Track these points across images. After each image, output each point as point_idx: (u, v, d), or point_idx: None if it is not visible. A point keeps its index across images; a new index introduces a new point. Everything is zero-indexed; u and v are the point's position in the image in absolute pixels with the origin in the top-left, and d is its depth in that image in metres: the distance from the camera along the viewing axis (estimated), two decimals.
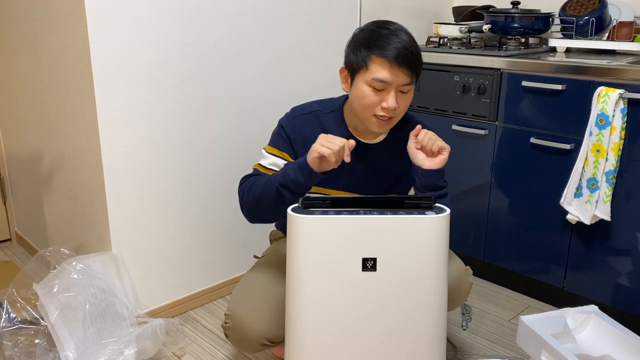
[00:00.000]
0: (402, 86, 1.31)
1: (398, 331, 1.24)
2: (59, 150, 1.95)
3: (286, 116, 1.46)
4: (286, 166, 1.32)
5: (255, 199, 1.36)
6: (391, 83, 1.29)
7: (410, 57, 1.29)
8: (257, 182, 1.37)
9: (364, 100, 1.32)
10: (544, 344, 1.39)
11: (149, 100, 1.73)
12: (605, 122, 1.71)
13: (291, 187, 1.28)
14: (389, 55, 1.28)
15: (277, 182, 1.30)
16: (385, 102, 1.30)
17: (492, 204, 2.10)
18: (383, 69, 1.28)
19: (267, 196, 1.32)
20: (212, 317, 1.97)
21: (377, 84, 1.29)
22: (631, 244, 1.78)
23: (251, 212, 1.40)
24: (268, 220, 1.44)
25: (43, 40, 1.84)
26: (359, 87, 1.33)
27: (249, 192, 1.38)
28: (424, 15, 2.51)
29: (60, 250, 1.82)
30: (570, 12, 2.15)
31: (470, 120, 2.10)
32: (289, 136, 1.43)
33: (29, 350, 1.61)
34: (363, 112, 1.34)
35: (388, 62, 1.28)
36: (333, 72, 2.22)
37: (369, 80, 1.30)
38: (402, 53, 1.28)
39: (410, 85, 1.33)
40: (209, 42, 1.82)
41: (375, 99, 1.31)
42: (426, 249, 1.22)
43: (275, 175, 1.33)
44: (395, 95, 1.31)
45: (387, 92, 1.30)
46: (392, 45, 1.28)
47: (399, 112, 1.35)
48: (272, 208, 1.34)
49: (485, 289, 2.19)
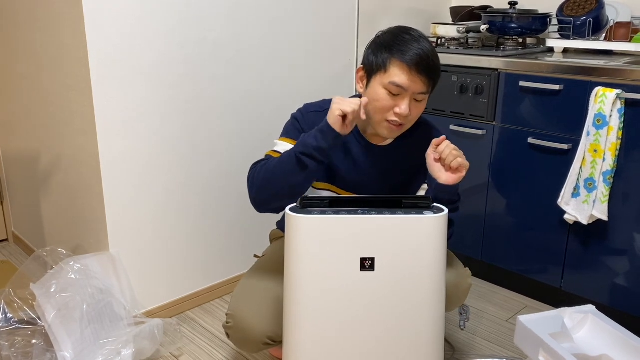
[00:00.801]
0: (417, 94, 1.30)
1: (396, 331, 1.24)
2: (57, 150, 1.94)
3: (300, 111, 1.45)
4: (303, 136, 1.28)
5: (268, 175, 1.29)
6: (407, 89, 1.28)
7: (430, 65, 1.29)
8: (271, 160, 1.32)
9: (378, 103, 1.31)
10: (541, 344, 1.39)
11: (147, 101, 1.73)
12: (602, 123, 1.72)
13: (313, 155, 1.25)
14: (410, 60, 1.27)
15: (297, 152, 1.26)
16: (399, 108, 1.29)
17: (489, 204, 2.10)
18: (402, 74, 1.28)
19: (284, 168, 1.27)
20: (210, 318, 1.97)
21: (393, 88, 1.29)
22: (628, 243, 1.78)
23: (261, 191, 1.32)
24: (276, 202, 1.34)
25: (41, 40, 1.84)
26: (374, 89, 1.32)
27: (261, 170, 1.31)
28: (422, 16, 2.52)
29: (58, 250, 1.82)
30: (568, 13, 2.15)
31: (468, 120, 2.11)
32: (303, 129, 1.41)
33: (26, 351, 1.60)
34: (375, 114, 1.33)
35: (408, 67, 1.27)
36: (331, 73, 2.22)
37: (386, 84, 1.29)
38: (423, 60, 1.27)
39: (425, 95, 1.32)
40: (206, 43, 1.82)
41: (390, 103, 1.30)
42: (424, 249, 1.22)
43: (291, 150, 1.28)
44: (409, 102, 1.30)
45: (402, 98, 1.29)
46: (413, 51, 1.27)
47: (410, 119, 1.34)
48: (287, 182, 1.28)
49: (483, 289, 2.19)
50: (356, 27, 2.26)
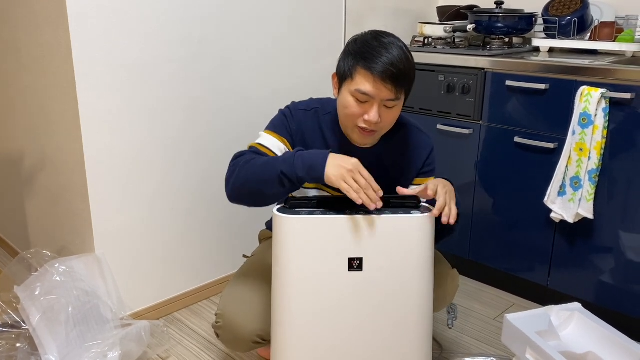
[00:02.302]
0: (386, 101, 1.28)
1: (384, 330, 1.24)
2: (41, 151, 1.92)
3: (288, 108, 1.44)
4: (294, 157, 1.24)
5: (249, 176, 1.27)
6: (374, 97, 1.27)
7: (396, 74, 1.25)
8: (255, 160, 1.29)
9: (347, 110, 1.30)
10: (528, 342, 1.40)
11: (133, 100, 1.71)
12: (587, 122, 1.73)
13: (294, 181, 1.23)
14: (374, 69, 1.24)
15: (280, 169, 1.23)
16: (368, 115, 1.28)
17: (476, 203, 2.11)
18: (367, 82, 1.26)
19: (265, 178, 1.25)
20: (197, 319, 1.96)
21: (360, 95, 1.27)
22: (614, 241, 1.80)
23: (237, 188, 1.31)
24: (249, 201, 1.35)
25: (24, 38, 1.81)
26: (343, 95, 1.31)
27: (243, 169, 1.29)
28: (409, 15, 2.52)
29: (43, 252, 1.79)
30: (553, 12, 2.17)
31: (455, 119, 2.11)
32: (291, 126, 1.40)
33: (10, 355, 1.58)
34: (346, 121, 1.33)
35: (372, 76, 1.25)
36: (318, 72, 2.22)
37: (352, 91, 1.28)
38: (388, 69, 1.24)
39: (396, 101, 1.29)
40: (192, 41, 1.81)
41: (358, 110, 1.29)
42: (412, 248, 1.22)
43: (277, 160, 1.26)
44: (378, 109, 1.28)
45: (371, 105, 1.28)
46: (379, 59, 1.25)
47: (382, 126, 1.32)
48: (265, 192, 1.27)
49: (471, 288, 2.20)
50: (343, 27, 2.26)
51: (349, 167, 1.20)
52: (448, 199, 1.24)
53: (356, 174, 1.20)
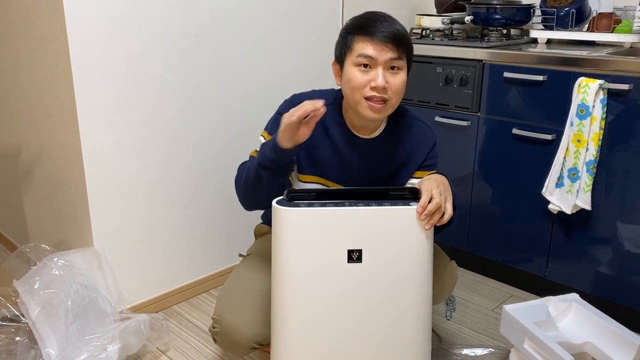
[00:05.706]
0: (390, 61, 1.28)
1: (384, 322, 1.25)
2: (38, 145, 1.91)
3: (286, 102, 1.43)
4: (264, 144, 1.30)
5: (241, 184, 1.37)
6: (376, 58, 1.27)
7: (395, 33, 1.27)
8: (244, 170, 1.37)
9: (352, 82, 1.29)
10: (526, 333, 1.41)
11: (130, 94, 1.70)
12: (585, 113, 1.73)
13: (268, 166, 1.28)
14: (373, 33, 1.27)
15: (257, 163, 1.30)
16: (374, 81, 1.27)
17: (475, 195, 2.11)
18: (366, 44, 1.27)
19: (254, 182, 1.32)
20: (196, 312, 1.96)
21: (362, 59, 1.27)
22: (611, 232, 1.81)
23: (243, 198, 1.40)
24: (259, 204, 1.41)
25: (20, 32, 1.80)
26: (347, 71, 1.31)
27: (240, 181, 1.38)
28: (406, 7, 2.51)
29: (41, 246, 1.79)
30: (551, 4, 2.16)
31: (453, 111, 2.11)
32: None
33: (10, 348, 1.58)
34: (353, 95, 1.31)
35: (371, 38, 1.27)
36: (317, 65, 2.21)
37: (354, 60, 1.29)
38: (386, 30, 1.27)
39: (399, 61, 1.29)
40: (190, 34, 1.80)
41: (363, 78, 1.28)
42: (411, 240, 1.22)
43: (255, 158, 1.32)
44: (383, 72, 1.28)
45: (375, 70, 1.28)
46: (374, 25, 1.27)
47: (390, 93, 1.30)
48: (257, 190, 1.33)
49: (469, 279, 2.21)
50: (341, 19, 2.26)
51: (284, 118, 1.22)
52: (442, 200, 1.24)
53: (291, 111, 1.22)
